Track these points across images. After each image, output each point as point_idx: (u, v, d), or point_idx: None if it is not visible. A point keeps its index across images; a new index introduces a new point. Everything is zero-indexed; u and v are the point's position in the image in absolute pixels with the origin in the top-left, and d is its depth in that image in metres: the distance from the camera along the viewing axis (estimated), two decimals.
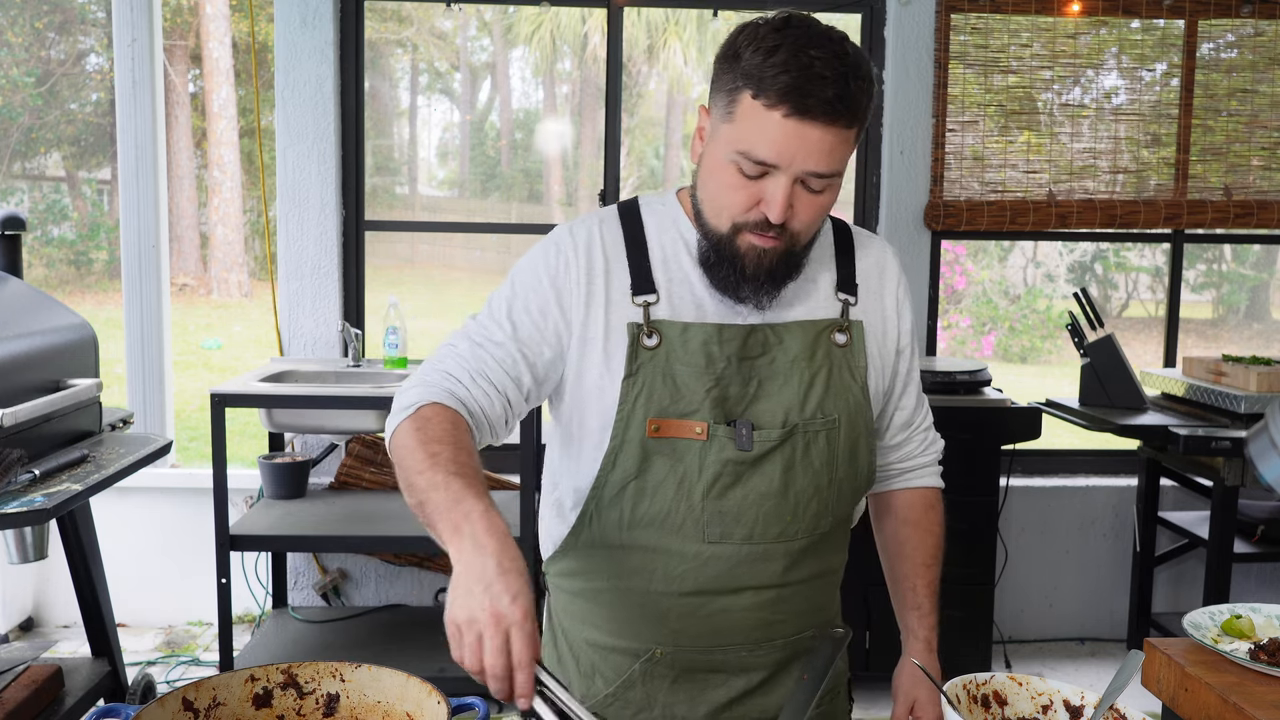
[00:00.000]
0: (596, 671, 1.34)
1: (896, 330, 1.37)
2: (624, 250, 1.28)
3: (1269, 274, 10.77)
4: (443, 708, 1.07)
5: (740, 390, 1.26)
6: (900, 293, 1.38)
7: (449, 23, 10.31)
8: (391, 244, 9.91)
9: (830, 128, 1.14)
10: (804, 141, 1.14)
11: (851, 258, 1.35)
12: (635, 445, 1.24)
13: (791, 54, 1.12)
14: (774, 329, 1.28)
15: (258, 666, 1.15)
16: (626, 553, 1.28)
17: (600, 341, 1.26)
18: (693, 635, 1.30)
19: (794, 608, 1.33)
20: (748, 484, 1.25)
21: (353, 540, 3.16)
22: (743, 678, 1.33)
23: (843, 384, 1.30)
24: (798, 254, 1.24)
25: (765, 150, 1.14)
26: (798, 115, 1.12)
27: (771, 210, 1.17)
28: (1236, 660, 1.42)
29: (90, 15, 11.48)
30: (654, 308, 1.26)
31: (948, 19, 3.69)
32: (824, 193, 1.19)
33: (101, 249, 11.51)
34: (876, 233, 3.77)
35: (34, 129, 11.29)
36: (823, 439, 1.28)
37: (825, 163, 1.16)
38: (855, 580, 3.35)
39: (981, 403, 3.31)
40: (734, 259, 1.22)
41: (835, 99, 1.12)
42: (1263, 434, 1.36)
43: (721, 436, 1.24)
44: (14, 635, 3.66)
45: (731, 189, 1.19)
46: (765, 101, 1.13)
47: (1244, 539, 3.43)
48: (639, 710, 1.32)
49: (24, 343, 2.44)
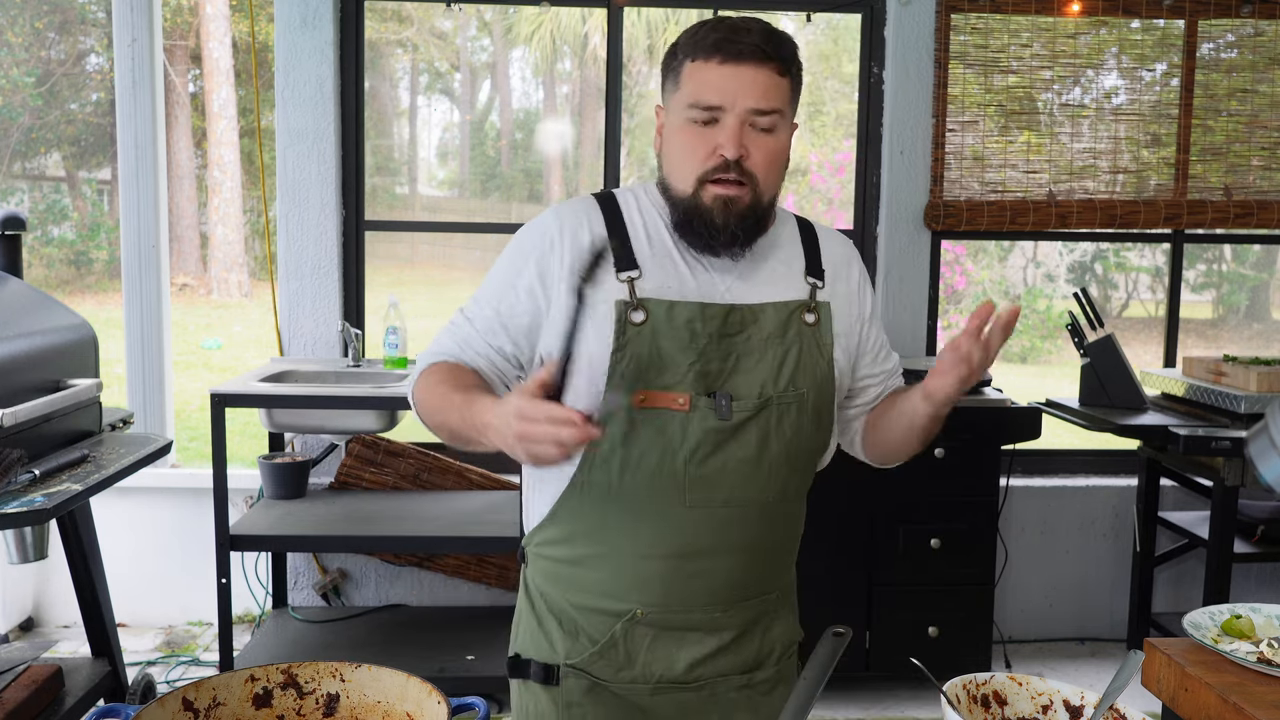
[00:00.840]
0: (581, 631, 1.43)
1: (859, 308, 1.51)
2: (606, 232, 1.40)
3: (1269, 274, 10.77)
4: (443, 708, 1.07)
5: (720, 365, 1.37)
6: (861, 278, 1.52)
7: (449, 23, 10.31)
8: (391, 244, 9.91)
9: (762, 68, 1.32)
10: (741, 81, 1.31)
11: (816, 248, 1.48)
12: (622, 415, 1.34)
13: (717, 22, 1.35)
14: (750, 309, 1.39)
15: (258, 666, 1.15)
16: (612, 518, 1.38)
17: (588, 316, 1.34)
18: (673, 596, 1.39)
19: (762, 570, 1.45)
20: (727, 451, 1.36)
21: (353, 540, 3.16)
22: (715, 636, 1.43)
23: (811, 360, 1.41)
24: (762, 207, 1.37)
25: (710, 94, 1.32)
26: (732, 60, 1.31)
27: (727, 147, 1.31)
28: (1236, 660, 1.42)
29: (90, 15, 11.48)
30: (639, 283, 1.37)
31: (948, 19, 3.69)
32: (772, 133, 1.34)
33: (101, 249, 11.51)
34: (877, 233, 3.80)
35: (34, 129, 11.29)
36: (794, 410, 1.39)
37: (764, 99, 1.32)
38: (855, 580, 3.37)
39: (981, 403, 3.31)
40: (703, 213, 1.35)
41: (762, 42, 1.32)
42: (1263, 434, 1.36)
43: (703, 407, 1.35)
44: (14, 635, 3.66)
45: (690, 145, 1.34)
46: (703, 59, 1.33)
47: (1244, 539, 3.43)
48: (620, 668, 1.41)
49: (24, 343, 2.44)
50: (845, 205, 8.67)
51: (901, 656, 3.25)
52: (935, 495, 3.30)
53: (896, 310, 3.80)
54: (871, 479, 3.25)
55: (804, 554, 1.55)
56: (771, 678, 1.48)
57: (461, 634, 3.41)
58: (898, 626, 3.33)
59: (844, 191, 9.25)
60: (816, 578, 3.33)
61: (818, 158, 9.79)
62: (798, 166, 9.92)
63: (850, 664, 3.31)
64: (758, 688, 1.47)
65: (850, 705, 3.36)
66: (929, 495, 3.30)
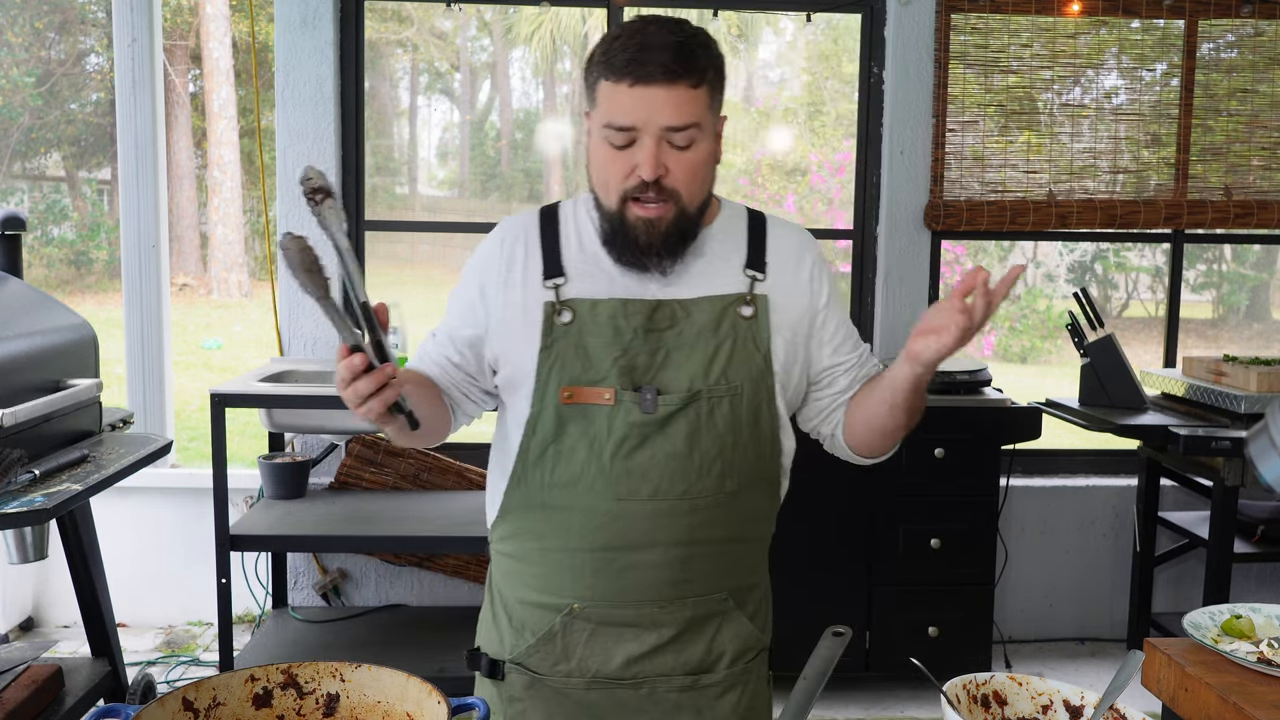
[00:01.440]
0: (525, 626, 1.46)
1: (810, 299, 1.48)
2: (540, 241, 1.45)
3: (1269, 274, 10.77)
4: (443, 708, 1.07)
5: (648, 360, 1.39)
6: (815, 270, 1.50)
7: (449, 23, 10.31)
8: (391, 244, 9.90)
9: (673, 87, 1.31)
10: (653, 103, 1.31)
11: (763, 241, 1.48)
12: (551, 411, 1.38)
13: (628, 35, 1.33)
14: (682, 304, 1.41)
15: (258, 666, 1.15)
16: (548, 513, 1.41)
17: (520, 320, 1.42)
18: (607, 590, 1.41)
19: (703, 568, 1.43)
20: (654, 445, 1.38)
21: (353, 540, 3.16)
22: (654, 633, 1.43)
23: (746, 353, 1.41)
24: (689, 219, 1.38)
25: (623, 116, 1.32)
26: (641, 82, 1.30)
27: (643, 168, 1.32)
28: (1236, 660, 1.42)
29: (90, 15, 11.48)
30: (564, 288, 1.41)
31: (948, 19, 3.69)
32: (691, 149, 1.34)
33: (101, 249, 11.51)
34: (877, 233, 3.79)
35: (34, 129, 11.29)
36: (726, 404, 1.40)
37: (677, 116, 1.31)
38: (855, 580, 3.37)
39: (981, 403, 3.31)
40: (627, 232, 1.37)
41: (672, 61, 1.30)
42: (1263, 434, 1.36)
43: (628, 401, 1.37)
44: (14, 635, 3.66)
45: (609, 163, 1.35)
46: (613, 79, 1.32)
47: (1244, 539, 3.43)
48: (557, 661, 1.44)
49: (24, 343, 2.44)
50: (845, 205, 8.66)
51: (901, 656, 3.25)
52: (935, 495, 3.30)
53: (897, 310, 3.80)
54: (871, 479, 3.26)
55: (804, 554, 1.55)
56: (722, 682, 1.46)
57: (462, 634, 3.40)
58: (898, 626, 3.33)
59: (844, 191, 9.25)
60: (816, 578, 3.33)
61: (818, 158, 9.78)
62: (797, 166, 9.92)
63: (850, 664, 3.31)
64: (705, 691, 1.45)
65: (850, 705, 3.36)
66: (929, 495, 3.30)
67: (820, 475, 1.56)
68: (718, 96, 1.38)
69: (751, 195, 9.86)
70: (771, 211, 1.54)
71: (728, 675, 1.46)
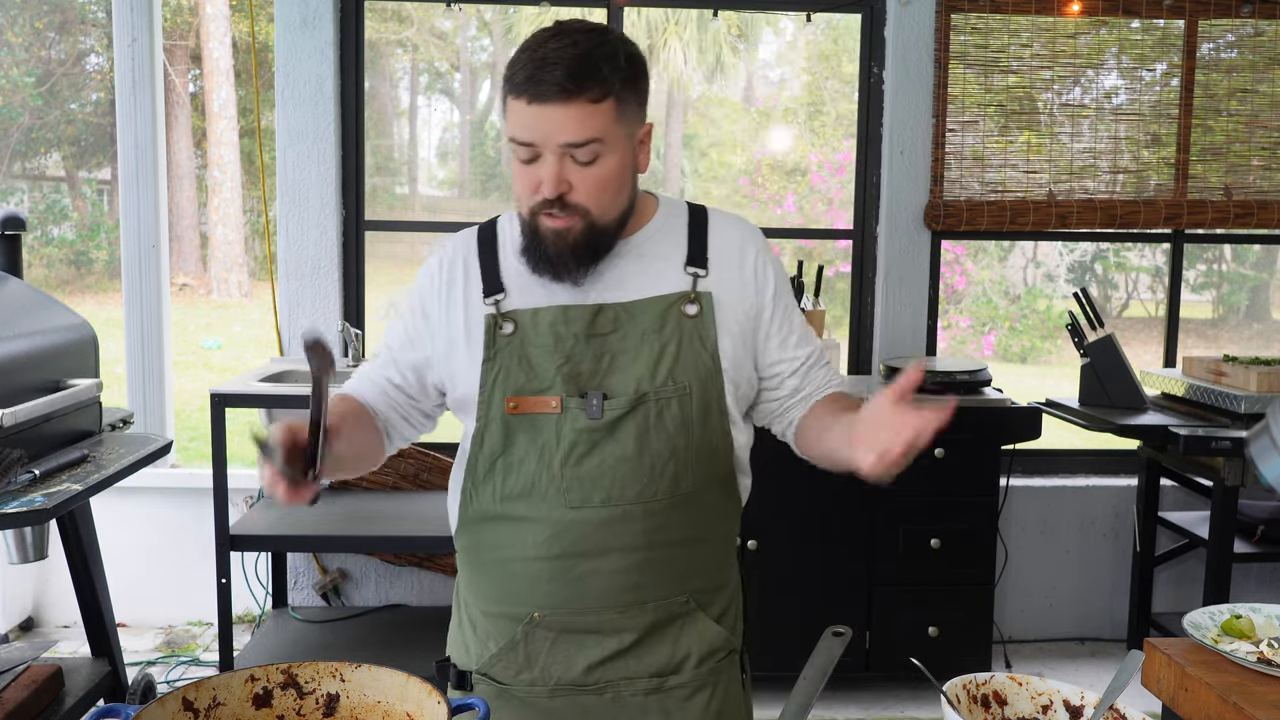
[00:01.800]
0: (489, 636, 1.46)
1: (755, 293, 1.45)
2: (479, 259, 1.44)
3: (1269, 274, 10.77)
4: (443, 708, 1.07)
5: (593, 365, 1.38)
6: (759, 262, 1.46)
7: (449, 23, 10.31)
8: (391, 244, 9.90)
9: (570, 104, 1.28)
10: (550, 120, 1.29)
11: (704, 237, 1.45)
12: (498, 424, 1.38)
13: (530, 51, 1.30)
14: (624, 307, 1.39)
15: (258, 666, 1.15)
16: (501, 524, 1.41)
17: (464, 340, 1.41)
18: (565, 598, 1.40)
19: (661, 572, 1.41)
20: (603, 450, 1.36)
21: (353, 540, 3.16)
22: (615, 638, 1.41)
23: (693, 352, 1.39)
24: (602, 230, 1.36)
25: (523, 133, 1.31)
26: (538, 100, 1.29)
27: (545, 186, 1.31)
28: (1237, 660, 1.42)
29: (90, 15, 11.48)
30: (504, 302, 1.40)
31: (948, 19, 3.69)
32: (595, 164, 1.32)
33: (101, 249, 11.51)
34: (877, 233, 3.79)
35: (34, 129, 11.29)
36: (675, 405, 1.38)
37: (577, 133, 1.29)
38: (855, 580, 3.37)
39: (981, 403, 3.31)
40: (539, 242, 1.36)
41: (565, 79, 1.27)
42: (1263, 434, 1.36)
43: (574, 408, 1.36)
44: (14, 635, 3.66)
45: (518, 177, 1.35)
46: (514, 95, 1.31)
47: (1244, 539, 3.43)
48: (520, 670, 1.43)
49: (24, 343, 2.44)
50: (845, 205, 8.67)
51: (901, 656, 3.25)
52: (935, 495, 3.30)
53: (897, 310, 3.80)
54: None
55: (804, 554, 1.55)
56: (690, 684, 1.44)
57: None
58: (898, 626, 3.33)
59: (844, 191, 9.25)
60: (816, 578, 3.33)
61: (818, 158, 9.79)
62: (797, 166, 9.92)
63: (850, 664, 3.31)
64: (672, 693, 1.44)
65: (850, 705, 3.36)
66: (929, 495, 3.30)
67: (820, 475, 1.55)
68: (629, 106, 1.33)
69: (751, 195, 9.86)
70: (714, 206, 1.51)
71: (695, 676, 1.45)
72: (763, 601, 3.22)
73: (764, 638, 2.97)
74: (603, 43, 1.31)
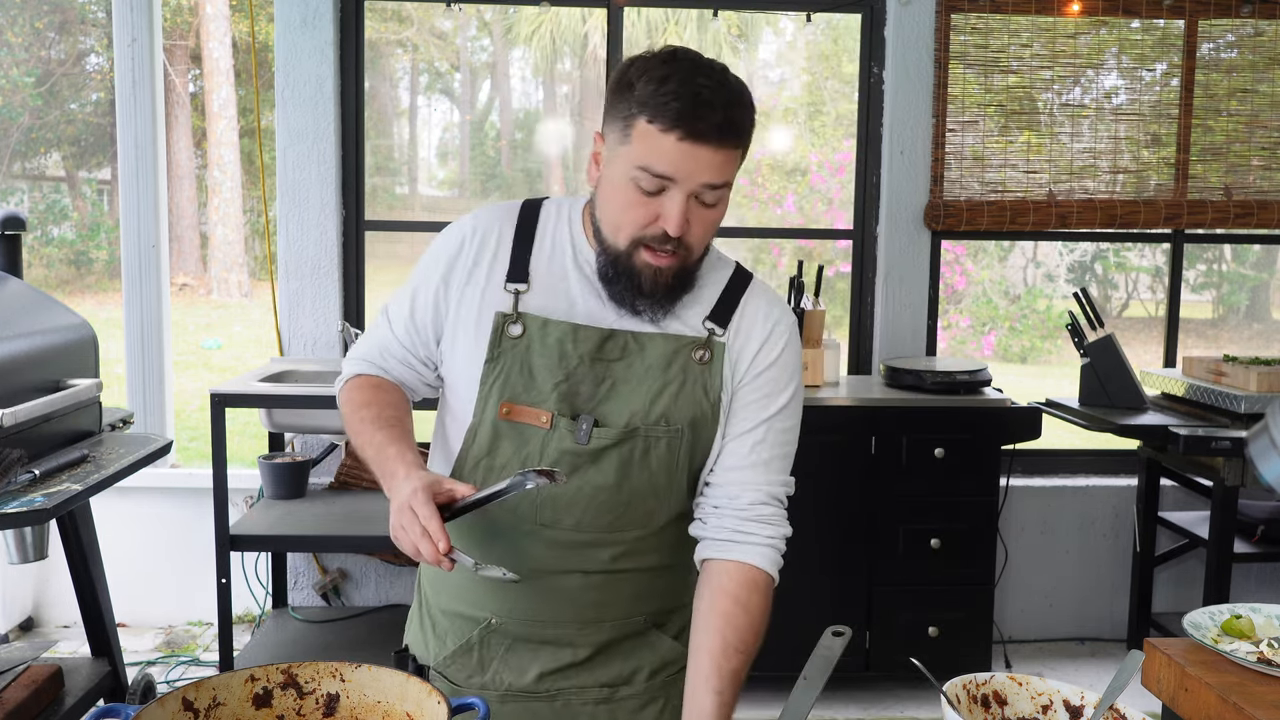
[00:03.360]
0: (447, 634, 1.45)
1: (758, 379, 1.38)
2: (513, 240, 1.39)
3: (1269, 274, 10.77)
4: (443, 708, 1.07)
5: (592, 389, 1.35)
6: (785, 354, 1.39)
7: (449, 23, 10.31)
8: (391, 244, 9.89)
9: (721, 148, 1.25)
10: (698, 161, 1.25)
11: (734, 304, 1.40)
12: (489, 425, 1.36)
13: (681, 83, 1.24)
14: (636, 336, 1.36)
15: (258, 666, 1.15)
16: (474, 526, 1.38)
17: (473, 324, 1.37)
18: (523, 609, 1.39)
19: (623, 593, 1.41)
20: (584, 476, 1.34)
21: (353, 540, 3.16)
22: (569, 651, 1.41)
23: (694, 397, 1.36)
24: (690, 269, 1.34)
25: (663, 165, 1.25)
26: (691, 139, 1.24)
27: (670, 223, 1.27)
28: (1237, 660, 1.42)
29: (90, 15, 11.48)
30: (524, 296, 1.36)
31: (948, 19, 3.69)
32: (716, 206, 1.30)
33: (101, 249, 11.50)
34: (877, 233, 3.79)
35: (34, 129, 11.29)
36: (664, 445, 1.36)
37: (718, 176, 1.27)
38: (856, 580, 3.37)
39: (981, 403, 3.31)
40: (631, 276, 1.31)
41: (724, 123, 1.25)
42: (1263, 434, 1.36)
43: (563, 428, 1.34)
44: (14, 635, 3.66)
45: (631, 206, 1.28)
46: (660, 126, 1.24)
47: (1244, 539, 3.43)
48: (472, 673, 1.43)
49: (24, 343, 2.44)
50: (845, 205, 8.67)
51: (901, 656, 3.25)
52: (935, 495, 3.30)
53: (897, 310, 3.80)
54: (871, 479, 3.26)
55: (805, 554, 1.55)
56: (641, 695, 1.44)
57: None
58: (898, 626, 3.33)
59: (844, 191, 9.25)
60: (816, 578, 3.33)
61: (818, 158, 9.78)
62: (797, 166, 9.92)
63: (850, 664, 3.31)
64: (622, 703, 1.43)
65: (850, 705, 3.36)
66: (929, 495, 3.30)
67: (819, 475, 1.55)
68: (747, 152, 1.33)
69: (751, 195, 9.86)
70: (765, 282, 1.45)
71: (647, 688, 1.44)
72: None
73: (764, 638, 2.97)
74: (743, 91, 1.29)
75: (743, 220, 9.91)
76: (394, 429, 1.34)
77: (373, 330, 1.47)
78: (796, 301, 3.47)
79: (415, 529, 1.18)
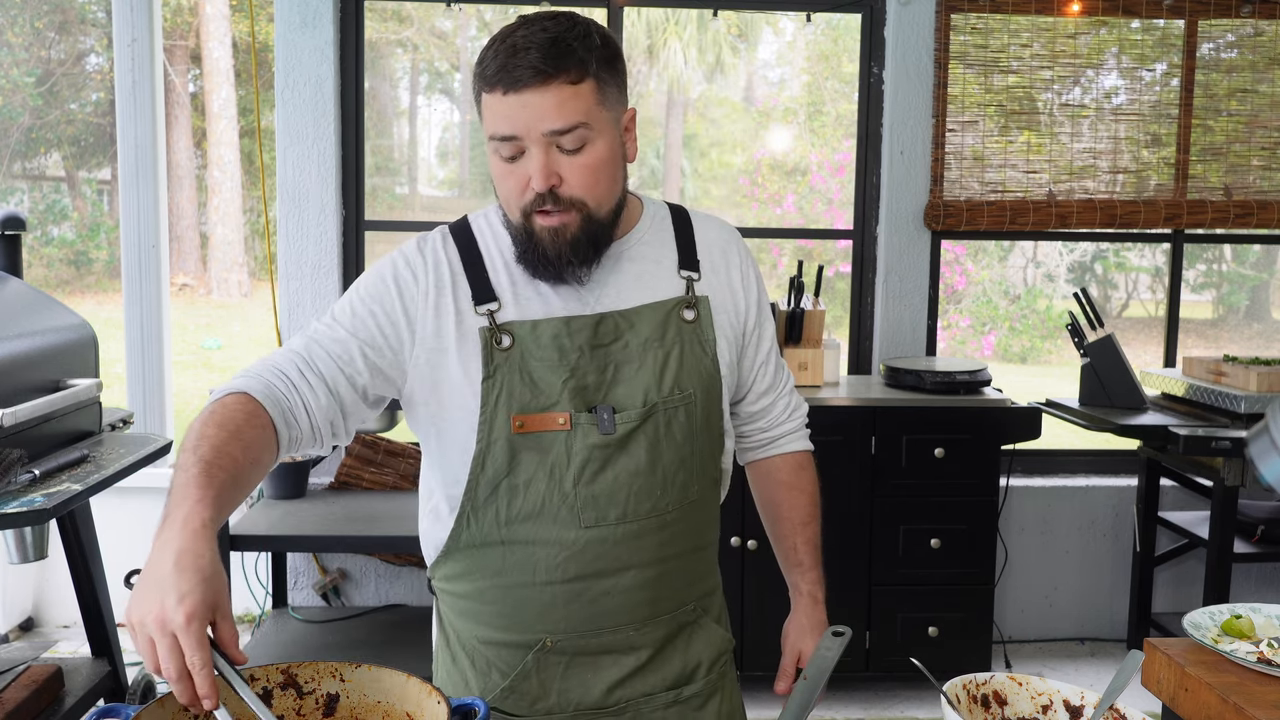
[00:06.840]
0: (492, 666, 1.38)
1: (744, 303, 1.45)
2: (462, 265, 1.34)
3: (1269, 274, 10.77)
4: (443, 708, 1.07)
5: (598, 378, 1.32)
6: (745, 268, 1.46)
7: (449, 23, 10.30)
8: (391, 244, 9.90)
9: (548, 87, 1.21)
10: (529, 108, 1.22)
11: (690, 237, 1.42)
12: (502, 444, 1.29)
13: (500, 41, 1.24)
14: (623, 315, 1.34)
15: (258, 666, 1.15)
16: (507, 549, 1.33)
17: (455, 351, 1.30)
18: (579, 621, 1.34)
19: (674, 583, 1.39)
20: (616, 465, 1.31)
21: (353, 540, 3.16)
22: (632, 656, 1.38)
23: (695, 359, 1.37)
24: (598, 223, 1.29)
25: (503, 126, 1.23)
26: (514, 89, 1.21)
27: (535, 179, 1.24)
28: (1236, 660, 1.42)
29: (90, 15, 11.48)
30: (499, 313, 1.31)
31: (948, 19, 3.69)
32: (582, 151, 1.25)
33: (101, 249, 11.50)
34: (877, 233, 3.79)
35: (34, 129, 11.29)
36: (682, 413, 1.35)
37: (559, 117, 1.22)
38: (856, 580, 3.37)
39: (981, 403, 3.31)
40: (535, 244, 1.28)
41: (540, 61, 1.21)
42: (1263, 434, 1.36)
43: (584, 424, 1.30)
44: (14, 635, 3.66)
45: (504, 178, 1.27)
46: (488, 89, 1.24)
47: (1244, 539, 3.43)
48: (535, 700, 1.36)
49: (24, 343, 2.44)
50: (845, 205, 8.67)
51: (901, 656, 3.25)
52: (935, 495, 3.30)
53: (897, 310, 3.80)
54: (871, 479, 3.26)
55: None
56: (703, 691, 1.43)
57: None
58: (898, 626, 3.33)
59: (844, 191, 9.25)
60: None
61: (818, 158, 9.78)
62: (797, 166, 9.92)
63: (850, 664, 3.31)
64: (689, 703, 1.42)
65: (850, 705, 3.36)
66: (929, 495, 3.30)
67: (820, 475, 1.56)
68: (610, 89, 1.26)
69: (751, 195, 9.86)
70: (690, 205, 1.48)
71: (707, 683, 1.44)
72: (762, 601, 3.22)
73: (764, 638, 2.97)
74: (573, 25, 1.24)
75: (743, 220, 9.91)
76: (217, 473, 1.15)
77: (281, 352, 1.32)
78: (796, 301, 3.47)
79: (174, 663, 0.98)
